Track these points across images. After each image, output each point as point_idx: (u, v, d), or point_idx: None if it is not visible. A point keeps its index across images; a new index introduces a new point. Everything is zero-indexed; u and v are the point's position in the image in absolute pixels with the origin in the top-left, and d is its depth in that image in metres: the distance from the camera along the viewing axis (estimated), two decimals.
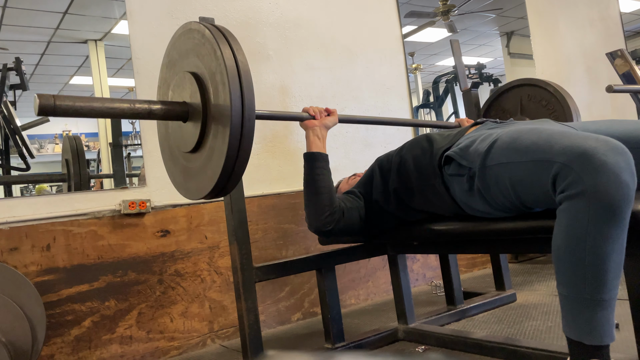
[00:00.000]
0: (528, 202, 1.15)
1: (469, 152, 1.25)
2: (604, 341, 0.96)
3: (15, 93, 2.00)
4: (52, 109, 1.05)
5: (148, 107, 1.18)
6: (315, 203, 1.50)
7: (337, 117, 1.64)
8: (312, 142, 1.57)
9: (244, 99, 1.10)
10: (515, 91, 2.29)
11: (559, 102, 2.10)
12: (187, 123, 1.24)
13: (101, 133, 2.08)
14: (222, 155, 1.11)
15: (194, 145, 1.21)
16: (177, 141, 1.31)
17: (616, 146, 0.96)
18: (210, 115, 1.16)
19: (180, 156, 1.31)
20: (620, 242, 0.96)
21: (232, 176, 1.15)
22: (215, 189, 1.17)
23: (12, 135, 1.97)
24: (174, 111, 1.22)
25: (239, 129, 1.09)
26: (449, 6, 3.20)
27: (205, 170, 1.20)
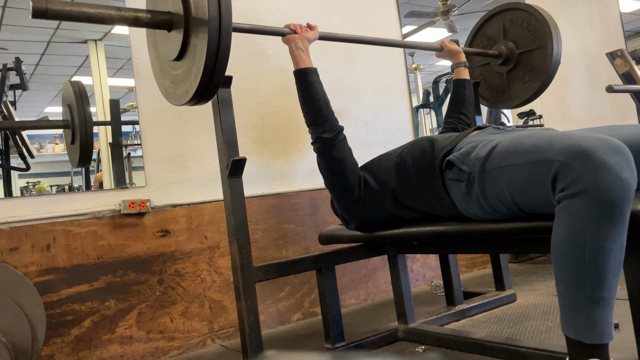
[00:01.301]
0: (525, 207, 1.15)
1: (470, 157, 1.25)
2: (603, 340, 0.96)
3: (15, 93, 2.00)
4: (44, 11, 1.12)
5: (134, 14, 1.27)
6: (313, 113, 1.56)
7: (317, 32, 1.71)
8: (298, 57, 1.62)
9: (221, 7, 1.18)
10: (497, 17, 2.32)
11: (539, 22, 2.15)
12: (172, 32, 1.32)
13: (101, 133, 2.08)
14: (202, 58, 1.20)
15: (177, 53, 1.29)
16: (165, 51, 1.39)
17: (617, 145, 0.97)
18: (192, 22, 1.24)
19: (168, 66, 1.40)
20: (620, 241, 0.96)
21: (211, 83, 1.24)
22: (198, 90, 1.26)
23: (12, 135, 1.97)
24: (158, 19, 1.31)
25: (217, 31, 1.18)
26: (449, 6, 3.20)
27: (188, 76, 1.28)
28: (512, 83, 2.27)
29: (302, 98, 1.59)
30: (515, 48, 2.23)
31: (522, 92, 2.24)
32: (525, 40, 2.21)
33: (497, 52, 2.26)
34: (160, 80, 1.49)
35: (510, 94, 2.29)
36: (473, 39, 2.41)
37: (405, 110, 2.81)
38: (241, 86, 2.27)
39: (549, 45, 2.12)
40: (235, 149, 1.55)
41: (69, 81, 2.02)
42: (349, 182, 1.56)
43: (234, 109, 1.58)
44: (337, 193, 1.60)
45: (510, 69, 2.26)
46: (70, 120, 1.99)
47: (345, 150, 1.56)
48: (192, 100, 1.31)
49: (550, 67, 2.15)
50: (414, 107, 2.88)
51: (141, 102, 2.05)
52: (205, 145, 2.17)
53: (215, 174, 2.16)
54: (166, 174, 2.07)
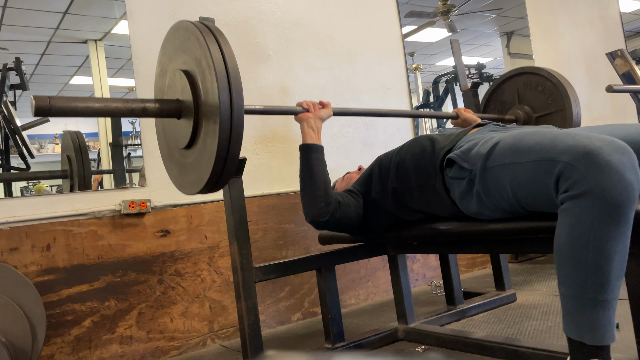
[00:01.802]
0: (527, 205, 1.14)
1: (471, 154, 1.24)
2: (605, 341, 0.96)
3: (15, 93, 2.00)
4: (47, 109, 1.07)
5: (142, 105, 1.21)
6: (311, 193, 1.51)
7: (331, 110, 1.66)
8: (307, 134, 1.58)
9: (231, 89, 1.12)
10: (511, 82, 2.30)
11: (554, 85, 2.12)
12: (181, 120, 1.26)
13: (101, 133, 2.08)
14: (213, 151, 1.14)
15: (187, 141, 1.24)
16: (173, 138, 1.33)
17: (621, 146, 0.96)
18: (202, 110, 1.19)
19: (176, 152, 1.34)
20: (624, 242, 0.95)
21: (224, 170, 1.17)
22: (209, 183, 1.20)
23: (12, 135, 1.97)
24: (167, 108, 1.25)
25: (229, 120, 1.12)
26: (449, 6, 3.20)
27: (199, 165, 1.22)
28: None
29: (302, 173, 1.54)
30: (532, 112, 2.20)
31: None
32: (541, 103, 2.17)
33: (513, 117, 2.23)
34: (169, 166, 1.42)
35: None
36: (486, 105, 2.39)
37: (406, 110, 2.81)
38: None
39: (568, 108, 2.07)
40: None
41: (68, 131, 2.04)
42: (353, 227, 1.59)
43: None
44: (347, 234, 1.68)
45: None
46: (69, 171, 2.00)
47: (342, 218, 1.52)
48: (204, 189, 1.24)
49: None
50: (414, 107, 2.88)
51: None
52: None
53: None
54: (166, 174, 2.07)
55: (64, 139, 2.04)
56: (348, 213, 1.53)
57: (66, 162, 2.01)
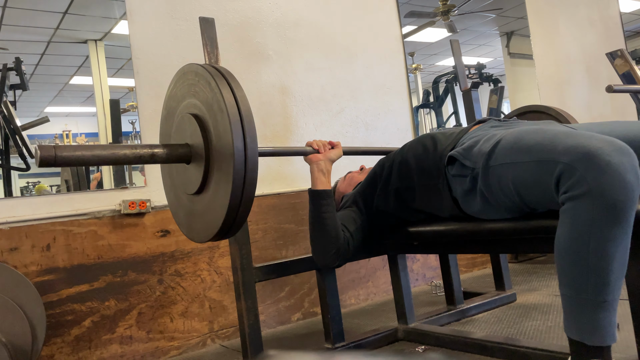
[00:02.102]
0: (531, 203, 1.14)
1: (473, 152, 1.24)
2: (606, 342, 0.96)
3: (15, 93, 2.00)
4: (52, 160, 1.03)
5: (150, 151, 1.16)
6: (321, 241, 1.49)
7: (341, 150, 1.63)
8: (317, 179, 1.55)
9: (245, 134, 1.08)
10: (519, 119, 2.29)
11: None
12: (191, 165, 1.22)
13: (101, 133, 2.08)
14: (226, 197, 1.09)
15: (197, 188, 1.19)
16: (182, 183, 1.29)
17: (621, 147, 0.96)
18: (213, 156, 1.15)
19: (185, 198, 1.29)
20: (624, 243, 0.95)
21: (237, 216, 1.13)
22: (220, 232, 1.15)
23: (12, 135, 1.97)
24: (176, 154, 1.20)
25: (242, 169, 1.08)
26: (449, 6, 3.20)
27: (209, 213, 1.18)
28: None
29: (312, 221, 1.52)
30: None
31: None
32: None
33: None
34: (176, 213, 1.37)
35: None
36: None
37: (405, 110, 2.81)
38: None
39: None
40: None
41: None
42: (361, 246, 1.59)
43: None
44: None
45: None
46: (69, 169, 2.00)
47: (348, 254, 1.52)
48: (216, 237, 1.20)
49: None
50: (414, 107, 2.88)
51: (141, 102, 2.05)
52: None
53: None
54: None
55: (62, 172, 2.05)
56: (356, 245, 1.54)
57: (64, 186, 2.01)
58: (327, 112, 2.52)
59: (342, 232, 1.50)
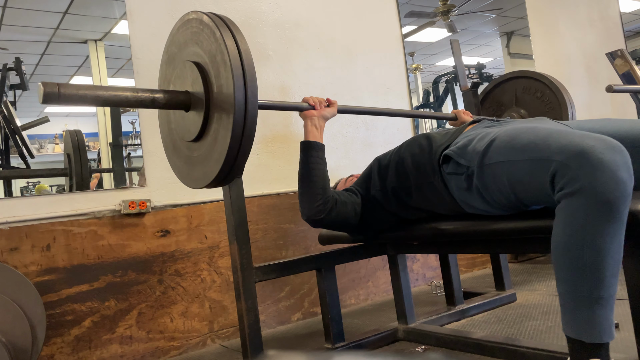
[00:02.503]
0: (526, 200, 1.15)
1: (467, 151, 1.25)
2: (604, 339, 0.97)
3: (15, 93, 2.00)
4: (56, 96, 1.05)
5: (151, 96, 1.19)
6: (308, 191, 1.51)
7: (336, 109, 1.65)
8: (310, 132, 1.57)
9: (247, 87, 1.11)
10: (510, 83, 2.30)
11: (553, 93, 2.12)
12: (190, 112, 1.24)
13: (101, 133, 2.08)
14: (225, 143, 1.13)
15: (197, 134, 1.22)
16: (180, 131, 1.31)
17: (613, 145, 0.97)
18: (213, 103, 1.17)
19: (183, 146, 1.32)
20: (618, 239, 0.96)
21: (235, 164, 1.16)
22: (219, 176, 1.18)
23: (12, 135, 1.97)
24: (176, 100, 1.23)
25: (242, 117, 1.11)
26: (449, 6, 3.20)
27: (209, 158, 1.21)
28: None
29: (301, 171, 1.54)
30: (527, 116, 2.20)
31: None
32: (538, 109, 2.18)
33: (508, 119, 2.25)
34: (172, 157, 1.40)
35: None
36: (483, 102, 2.40)
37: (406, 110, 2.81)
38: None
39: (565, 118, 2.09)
40: None
41: (68, 131, 2.04)
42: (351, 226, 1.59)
43: None
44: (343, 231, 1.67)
45: None
46: (68, 169, 2.00)
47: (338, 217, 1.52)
48: (212, 184, 1.23)
49: None
50: (414, 107, 2.88)
51: None
52: None
53: None
54: (166, 174, 2.07)
55: (65, 138, 2.04)
56: (344, 211, 1.53)
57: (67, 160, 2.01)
58: None
59: (332, 193, 1.52)
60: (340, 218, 1.52)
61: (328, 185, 1.53)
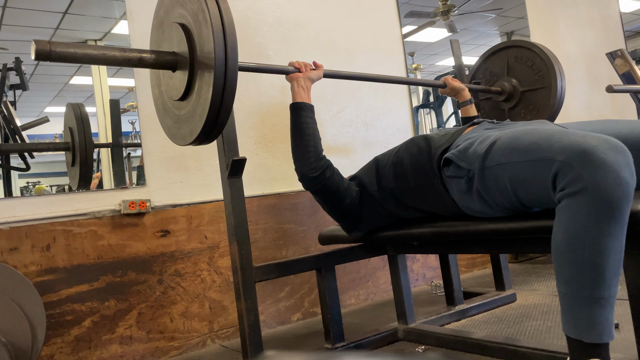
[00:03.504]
0: (527, 202, 1.15)
1: (468, 154, 1.25)
2: (603, 339, 0.96)
3: (15, 93, 2.00)
4: (47, 54, 1.09)
5: (139, 55, 1.24)
6: (301, 148, 1.54)
7: (322, 72, 1.67)
8: (297, 93, 1.60)
9: (226, 43, 1.15)
10: (502, 53, 2.32)
11: (543, 62, 2.15)
12: (177, 72, 1.30)
13: (101, 133, 2.08)
14: (207, 99, 1.18)
15: (182, 93, 1.27)
16: (168, 91, 1.37)
17: (616, 145, 0.97)
18: (197, 62, 1.22)
19: (172, 106, 1.38)
20: (620, 239, 0.96)
21: (217, 119, 1.21)
22: (203, 130, 1.23)
23: (12, 135, 1.97)
24: (163, 60, 1.28)
25: (223, 71, 1.16)
26: (449, 6, 3.20)
27: (194, 115, 1.26)
28: (513, 120, 2.26)
29: (293, 131, 1.57)
30: (519, 86, 2.22)
31: None
32: (529, 78, 2.20)
33: (499, 89, 2.26)
34: (163, 118, 1.46)
35: None
36: (476, 73, 2.41)
37: (405, 110, 2.81)
38: (241, 86, 2.26)
39: (554, 86, 2.11)
40: (235, 149, 1.55)
41: (71, 104, 2.03)
42: (344, 208, 1.58)
43: (234, 109, 1.57)
44: (335, 216, 1.64)
45: (513, 106, 2.26)
46: (71, 143, 1.99)
47: (333, 184, 1.54)
48: (197, 140, 1.28)
49: (554, 108, 2.14)
50: (414, 107, 2.88)
51: (141, 102, 2.05)
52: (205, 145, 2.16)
53: (215, 174, 2.16)
54: (166, 174, 2.07)
55: (66, 112, 2.03)
56: (338, 182, 1.55)
57: (69, 135, 2.00)
58: (327, 112, 2.52)
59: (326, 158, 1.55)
60: (333, 186, 1.54)
61: (319, 143, 1.55)
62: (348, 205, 1.56)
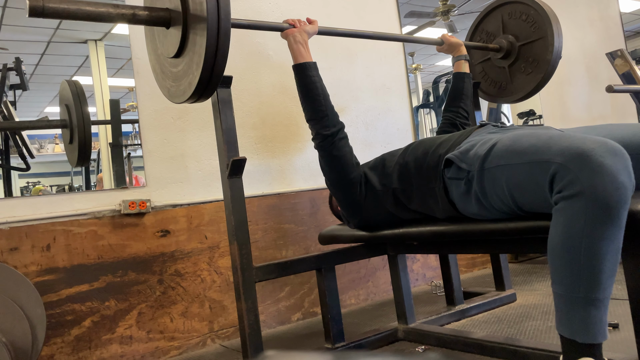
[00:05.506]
0: (524, 205, 1.15)
1: (469, 155, 1.26)
2: (597, 339, 0.97)
3: (15, 93, 2.00)
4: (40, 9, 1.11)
5: (132, 11, 1.25)
6: (313, 108, 1.55)
7: (317, 26, 1.68)
8: (296, 50, 1.60)
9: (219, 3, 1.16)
10: (495, 12, 2.32)
11: (537, 12, 2.15)
12: (171, 29, 1.30)
13: (101, 133, 2.08)
14: (202, 48, 1.18)
15: (177, 49, 1.28)
16: (165, 49, 1.38)
17: (614, 148, 0.97)
18: (190, 18, 1.23)
19: (168, 65, 1.38)
20: (616, 243, 0.96)
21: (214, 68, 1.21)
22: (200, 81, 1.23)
23: (12, 135, 1.97)
24: (156, 16, 1.29)
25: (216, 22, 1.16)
26: (449, 6, 3.20)
27: (190, 67, 1.27)
28: (514, 76, 2.26)
29: (301, 93, 1.59)
30: (516, 41, 2.22)
31: (525, 85, 2.24)
32: (525, 32, 2.21)
33: (497, 46, 2.25)
34: (162, 82, 1.47)
35: (512, 87, 2.28)
36: (472, 36, 2.41)
37: (405, 110, 2.81)
38: (241, 86, 2.27)
39: (550, 35, 2.12)
40: (235, 149, 1.55)
41: (66, 81, 2.02)
42: (349, 180, 1.56)
43: (234, 108, 1.58)
44: (337, 191, 1.61)
45: (512, 62, 2.25)
46: (68, 120, 1.98)
47: (345, 148, 1.56)
48: (196, 93, 1.28)
49: (553, 57, 2.14)
50: (414, 107, 2.88)
51: (141, 102, 2.05)
52: (205, 145, 2.17)
53: (215, 174, 2.16)
54: (166, 174, 2.07)
55: (61, 89, 2.01)
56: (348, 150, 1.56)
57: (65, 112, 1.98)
58: None
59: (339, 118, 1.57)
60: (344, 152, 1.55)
61: (329, 100, 1.58)
62: (353, 179, 1.56)
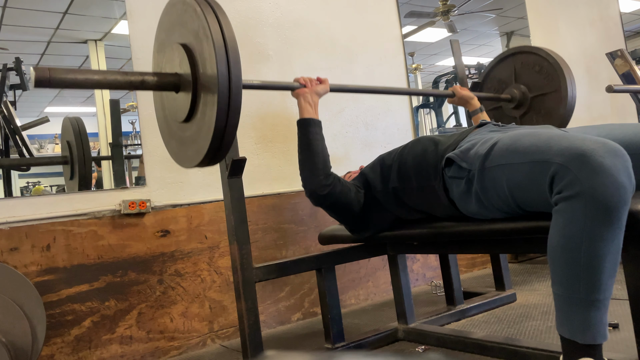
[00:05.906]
0: (524, 205, 1.15)
1: (469, 154, 1.26)
2: (597, 340, 0.97)
3: (15, 93, 2.00)
4: (47, 81, 1.08)
5: (141, 78, 1.22)
6: (310, 166, 1.53)
7: (328, 86, 1.66)
8: (304, 109, 1.59)
9: (229, 60, 1.12)
10: (508, 61, 2.30)
11: (551, 65, 2.12)
12: (180, 93, 1.27)
13: (101, 133, 2.08)
14: (212, 118, 1.14)
15: (186, 115, 1.24)
16: (172, 112, 1.35)
17: (614, 148, 0.97)
18: (200, 83, 1.19)
19: (176, 128, 1.35)
20: (616, 243, 0.96)
21: (224, 138, 1.18)
22: (209, 151, 1.20)
23: (12, 135, 1.97)
24: (165, 81, 1.26)
25: (227, 93, 1.12)
26: (449, 6, 3.20)
27: (199, 135, 1.23)
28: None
29: (301, 147, 1.56)
30: (528, 92, 2.19)
31: None
32: (537, 83, 2.17)
33: (509, 96, 2.23)
34: (168, 141, 1.43)
35: None
36: (484, 82, 2.40)
37: (405, 110, 2.81)
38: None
39: (563, 89, 2.06)
40: (235, 149, 1.55)
41: (68, 117, 2.03)
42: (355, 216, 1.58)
43: None
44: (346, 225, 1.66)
45: (524, 113, 2.22)
46: (69, 157, 2.00)
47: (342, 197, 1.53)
48: (204, 161, 1.24)
49: (566, 111, 2.08)
50: (414, 107, 2.88)
51: (141, 102, 2.05)
52: None
53: (215, 174, 2.16)
54: (166, 174, 2.07)
55: (63, 125, 2.03)
56: (347, 193, 1.54)
57: (66, 149, 2.00)
58: (327, 112, 2.52)
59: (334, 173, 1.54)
60: (343, 199, 1.53)
61: (328, 160, 1.55)
62: (357, 212, 1.57)
